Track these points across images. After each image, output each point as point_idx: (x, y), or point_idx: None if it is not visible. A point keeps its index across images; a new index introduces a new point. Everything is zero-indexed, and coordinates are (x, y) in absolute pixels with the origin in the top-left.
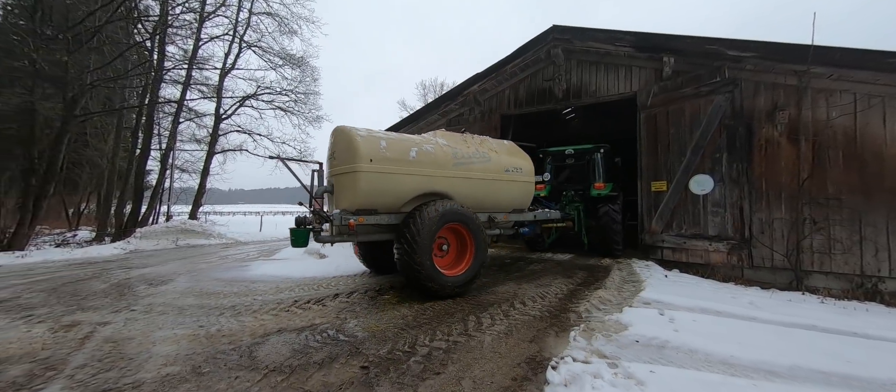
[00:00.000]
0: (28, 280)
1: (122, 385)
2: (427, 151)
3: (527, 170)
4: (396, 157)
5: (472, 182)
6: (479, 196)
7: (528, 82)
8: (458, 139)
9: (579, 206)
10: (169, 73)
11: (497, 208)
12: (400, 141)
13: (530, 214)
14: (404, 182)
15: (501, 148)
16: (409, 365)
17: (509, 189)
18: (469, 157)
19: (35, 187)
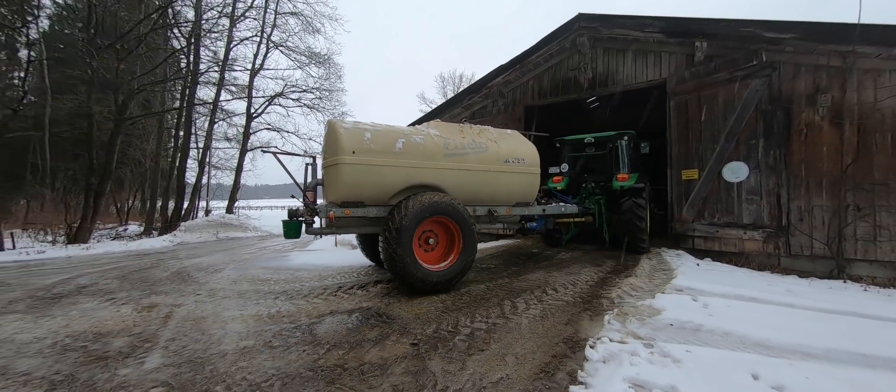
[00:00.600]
0: (98, 269)
1: (210, 354)
2: (415, 143)
3: (530, 161)
4: (381, 149)
5: (465, 173)
6: (474, 188)
7: (553, 72)
8: (453, 130)
9: (600, 199)
10: (203, 75)
11: (496, 201)
12: (386, 133)
13: (538, 208)
14: (390, 174)
15: (503, 137)
16: (454, 343)
17: (509, 181)
18: (462, 147)
19: (94, 185)
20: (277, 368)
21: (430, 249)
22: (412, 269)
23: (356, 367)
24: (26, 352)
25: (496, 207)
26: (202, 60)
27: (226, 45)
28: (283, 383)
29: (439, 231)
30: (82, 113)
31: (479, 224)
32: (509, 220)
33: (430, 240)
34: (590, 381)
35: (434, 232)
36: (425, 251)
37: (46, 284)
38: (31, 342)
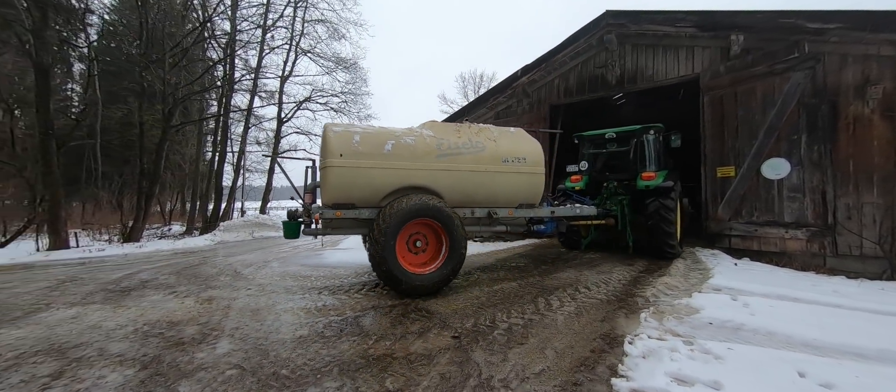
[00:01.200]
0: (154, 266)
1: (271, 342)
2: (406, 144)
3: (533, 160)
4: (369, 152)
5: (459, 174)
6: (470, 190)
7: (579, 70)
8: (449, 130)
9: (623, 199)
10: (237, 83)
11: (496, 203)
12: (376, 135)
13: (546, 210)
14: (378, 176)
15: (503, 136)
16: (494, 336)
17: (509, 181)
18: (456, 147)
19: (145, 188)
20: (333, 356)
21: (419, 252)
22: (395, 272)
23: (404, 357)
24: (115, 337)
25: (497, 209)
26: (236, 69)
27: (258, 54)
28: (340, 369)
29: (428, 234)
30: (131, 121)
31: (479, 226)
32: (513, 222)
33: (418, 242)
34: (631, 374)
35: (423, 234)
36: (414, 254)
37: (113, 279)
38: (115, 328)
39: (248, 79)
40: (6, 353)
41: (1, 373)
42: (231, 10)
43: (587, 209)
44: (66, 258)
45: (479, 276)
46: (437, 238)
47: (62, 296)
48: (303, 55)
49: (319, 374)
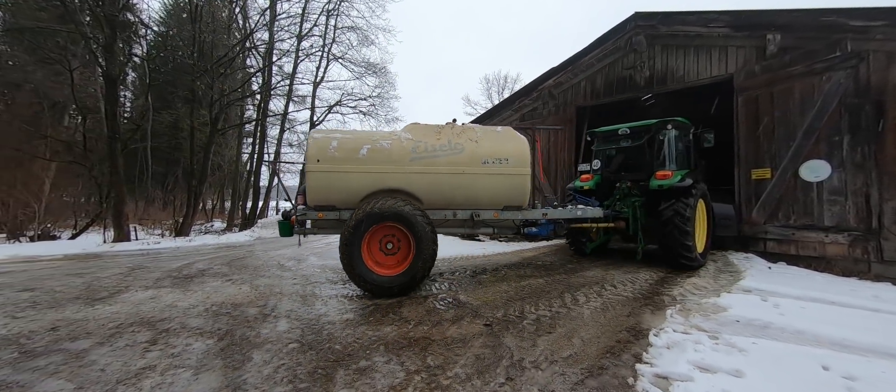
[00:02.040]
0: (206, 257)
1: (323, 322)
2: (381, 148)
3: (516, 160)
4: (345, 157)
5: (434, 177)
6: (447, 192)
7: (606, 72)
8: (429, 132)
9: (635, 201)
10: (274, 89)
11: (478, 204)
12: (353, 140)
13: (537, 212)
14: (354, 180)
15: (487, 136)
16: (523, 325)
17: (489, 183)
18: (433, 150)
19: (195, 187)
20: (378, 336)
21: (391, 254)
22: (360, 272)
23: (441, 340)
24: (191, 314)
25: (480, 211)
26: (273, 75)
27: (294, 61)
28: (386, 347)
29: (399, 236)
30: (179, 125)
31: (463, 229)
32: (501, 224)
33: (390, 245)
34: (655, 361)
35: (395, 237)
36: (386, 255)
37: (174, 267)
38: (189, 308)
39: (284, 85)
40: (108, 324)
41: (109, 338)
42: (270, 22)
43: (591, 211)
44: (129, 249)
45: (506, 273)
46: (406, 241)
47: (136, 281)
48: (334, 61)
49: (368, 350)
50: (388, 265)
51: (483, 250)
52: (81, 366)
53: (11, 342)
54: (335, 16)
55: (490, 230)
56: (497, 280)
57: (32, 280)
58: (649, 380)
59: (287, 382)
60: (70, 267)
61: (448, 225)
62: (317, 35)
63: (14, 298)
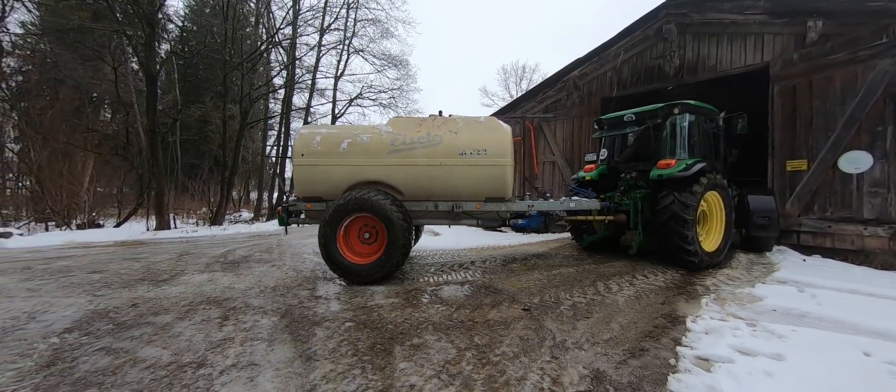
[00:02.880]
0: (244, 245)
1: (370, 305)
2: (361, 142)
3: (495, 151)
4: (327, 151)
5: (412, 169)
6: (425, 184)
7: (633, 62)
8: (410, 124)
9: (637, 194)
10: (297, 83)
11: (458, 196)
12: (336, 135)
13: (522, 203)
14: (335, 173)
15: (468, 127)
16: (561, 311)
17: (466, 174)
18: (410, 142)
19: (227, 178)
20: (424, 318)
21: (369, 243)
22: (336, 259)
23: (483, 322)
24: (250, 295)
25: (461, 203)
26: (298, 67)
27: (316, 56)
28: (434, 327)
29: (376, 227)
30: (207, 119)
31: (446, 220)
32: (484, 216)
33: (367, 234)
34: (694, 345)
35: (372, 227)
36: (363, 244)
37: (218, 254)
38: (247, 289)
39: (306, 78)
40: (179, 302)
41: (186, 314)
42: (293, 17)
43: (586, 202)
44: (170, 237)
45: (535, 262)
46: (382, 231)
47: (188, 265)
48: (355, 54)
49: (418, 330)
50: (365, 254)
51: (508, 241)
52: (170, 336)
53: (103, 316)
54: (356, 8)
55: (474, 222)
56: (528, 269)
57: (96, 263)
58: (690, 361)
59: (351, 355)
60: (123, 252)
61: (430, 216)
62: (338, 29)
63: (87, 279)
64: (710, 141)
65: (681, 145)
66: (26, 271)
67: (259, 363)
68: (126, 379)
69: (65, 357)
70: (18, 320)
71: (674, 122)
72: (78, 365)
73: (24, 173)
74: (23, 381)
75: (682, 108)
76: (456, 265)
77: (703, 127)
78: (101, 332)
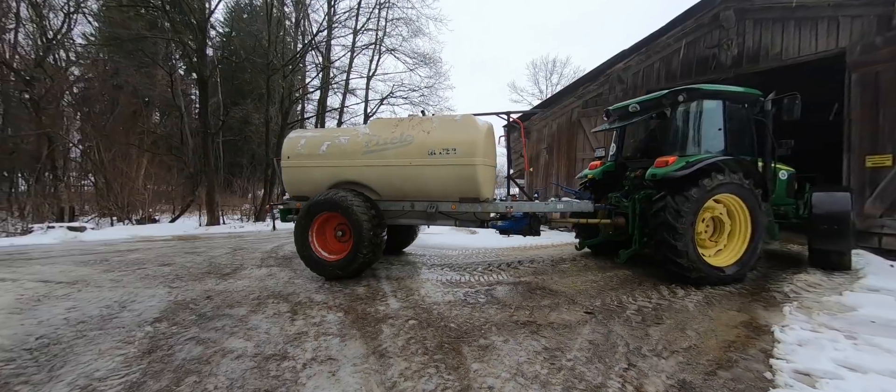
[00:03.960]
0: (289, 241)
1: (428, 304)
2: (339, 144)
3: (463, 150)
4: (309, 153)
5: (385, 169)
6: (397, 184)
7: (684, 52)
8: (387, 126)
9: (638, 195)
10: (331, 85)
11: (432, 196)
12: (318, 138)
13: (500, 204)
14: (316, 173)
15: (441, 127)
16: (627, 315)
17: (435, 174)
18: (384, 143)
19: (269, 177)
20: (485, 318)
21: (343, 241)
22: (307, 253)
23: (546, 324)
24: (311, 290)
25: (437, 203)
26: (333, 68)
27: (350, 56)
28: (498, 328)
29: (348, 225)
30: (248, 120)
31: (424, 220)
32: (460, 216)
33: (340, 232)
34: (790, 358)
35: (345, 225)
36: (337, 241)
37: (268, 249)
38: (306, 284)
39: (340, 78)
40: (248, 295)
41: (257, 307)
42: (328, 21)
43: (578, 204)
44: (220, 232)
45: (586, 263)
46: (351, 230)
47: (244, 260)
48: (387, 53)
49: (483, 330)
50: (336, 251)
51: (551, 240)
52: (249, 328)
53: (184, 307)
54: (387, 7)
55: (452, 222)
56: (580, 270)
57: (163, 257)
58: (789, 375)
59: (421, 353)
60: (183, 246)
61: (408, 216)
62: (371, 29)
63: (160, 271)
64: (745, 131)
65: (693, 138)
66: (105, 263)
67: (336, 358)
68: (220, 369)
69: (161, 345)
70: (112, 309)
71: (683, 112)
72: (174, 353)
73: (88, 171)
74: (131, 367)
75: (689, 95)
76: (504, 264)
77: (732, 115)
78: (186, 322)
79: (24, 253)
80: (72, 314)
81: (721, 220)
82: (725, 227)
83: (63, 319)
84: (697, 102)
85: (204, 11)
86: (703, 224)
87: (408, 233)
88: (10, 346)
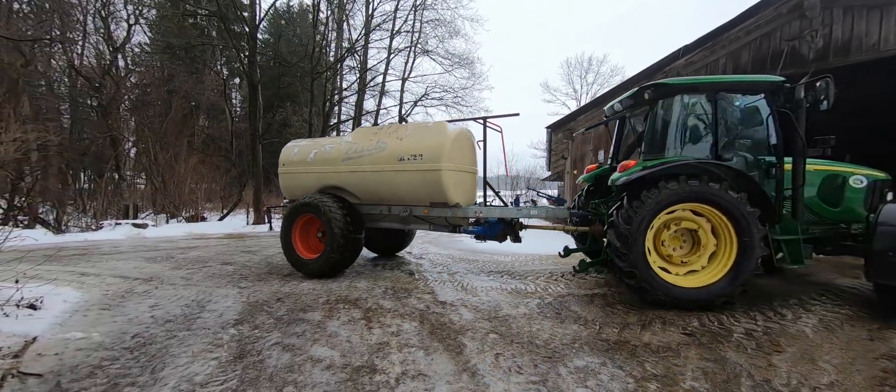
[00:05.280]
0: None
1: (502, 315)
2: (324, 151)
3: (429, 155)
4: (299, 160)
5: (361, 175)
6: (373, 189)
7: (757, 46)
8: (367, 134)
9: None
10: (369, 87)
11: (404, 201)
12: (308, 146)
13: (470, 210)
14: (303, 179)
15: (412, 134)
16: (735, 339)
17: (404, 179)
18: (361, 151)
19: None
20: (571, 335)
21: (322, 241)
22: (288, 252)
23: (642, 346)
24: (376, 295)
25: (411, 207)
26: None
27: (386, 59)
28: (589, 347)
29: (325, 226)
30: (288, 123)
31: (400, 224)
32: (433, 220)
33: (320, 234)
34: None
35: (324, 227)
36: (319, 242)
37: None
38: (369, 289)
39: (376, 80)
40: (318, 300)
41: (330, 313)
42: (366, 26)
43: (552, 210)
44: (265, 231)
45: None
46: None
47: None
48: (422, 55)
49: (573, 348)
50: (316, 250)
51: None
52: (329, 336)
53: (259, 309)
54: (422, 9)
55: (427, 226)
56: None
57: (222, 255)
58: None
59: (515, 372)
60: (237, 244)
61: (387, 219)
62: (407, 31)
63: (224, 271)
64: (756, 127)
65: (673, 138)
66: (170, 260)
67: (427, 373)
68: (313, 378)
69: (249, 350)
70: (192, 309)
71: (657, 111)
72: (264, 359)
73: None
74: (226, 372)
75: (655, 91)
76: (567, 273)
77: (728, 109)
78: (266, 326)
79: (97, 247)
80: (157, 312)
81: (695, 234)
82: (708, 244)
83: (150, 317)
84: (669, 99)
85: (254, 19)
86: (673, 239)
87: (400, 237)
88: (110, 345)
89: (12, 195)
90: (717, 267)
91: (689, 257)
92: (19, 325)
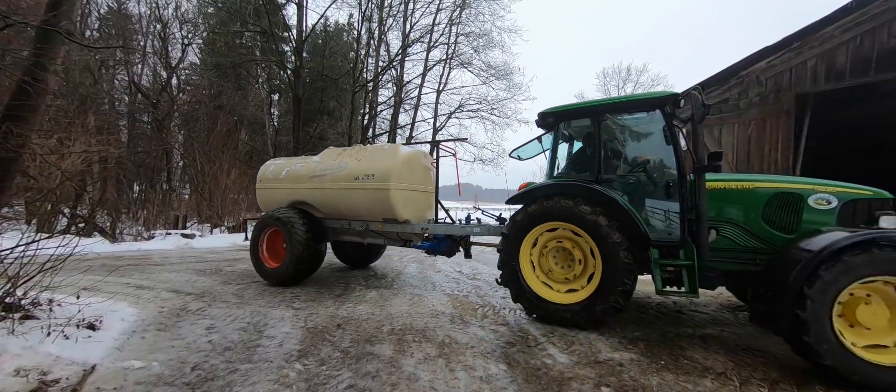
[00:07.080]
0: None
1: (602, 359)
2: (295, 170)
3: (380, 175)
4: (274, 177)
5: (323, 192)
6: (332, 203)
7: (857, 44)
8: (333, 154)
9: None
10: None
11: (361, 216)
12: (282, 165)
13: (417, 226)
14: (276, 195)
15: (370, 155)
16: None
17: (359, 197)
18: (324, 170)
19: None
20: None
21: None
22: (257, 261)
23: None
24: (442, 324)
25: (368, 222)
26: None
27: (423, 72)
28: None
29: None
30: (324, 136)
31: (360, 237)
32: (388, 235)
33: (285, 245)
34: None
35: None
36: (284, 252)
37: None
38: (433, 316)
39: (412, 96)
40: (382, 328)
41: (401, 346)
42: (403, 41)
43: (498, 228)
44: None
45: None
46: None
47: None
48: (459, 68)
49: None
50: (281, 259)
51: None
52: (408, 379)
53: (321, 338)
54: (458, 23)
55: (382, 240)
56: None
57: None
58: None
59: None
60: None
61: (348, 234)
62: (443, 43)
63: (273, 288)
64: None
65: (570, 161)
66: (219, 274)
67: None
68: None
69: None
70: (250, 334)
71: (555, 135)
72: None
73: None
74: None
75: (543, 118)
76: (653, 301)
77: (609, 130)
78: (333, 361)
79: (148, 257)
80: (214, 336)
81: (569, 252)
82: (587, 263)
83: (207, 342)
84: (566, 123)
85: (301, 35)
86: (560, 257)
87: (372, 249)
88: (170, 377)
89: (76, 204)
90: (591, 286)
91: (571, 275)
92: (78, 351)
